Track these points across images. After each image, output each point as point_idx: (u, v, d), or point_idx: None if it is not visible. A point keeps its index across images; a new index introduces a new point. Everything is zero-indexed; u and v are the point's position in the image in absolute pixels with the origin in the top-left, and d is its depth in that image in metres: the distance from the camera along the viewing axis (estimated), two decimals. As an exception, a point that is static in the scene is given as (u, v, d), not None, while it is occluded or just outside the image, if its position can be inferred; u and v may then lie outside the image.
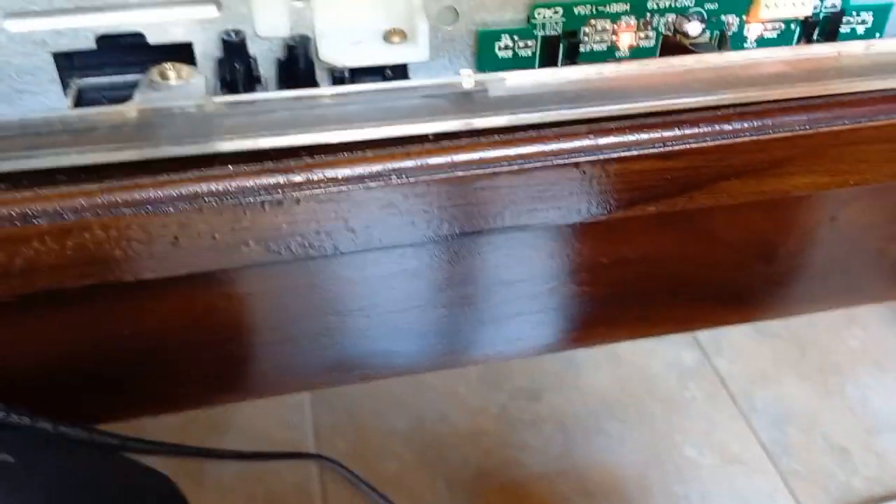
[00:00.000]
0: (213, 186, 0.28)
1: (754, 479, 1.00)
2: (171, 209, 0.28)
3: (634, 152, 0.31)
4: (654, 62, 0.30)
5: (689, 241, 0.46)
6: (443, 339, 0.46)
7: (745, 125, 0.32)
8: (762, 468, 1.01)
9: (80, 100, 0.29)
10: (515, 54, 0.32)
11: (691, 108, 0.30)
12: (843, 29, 0.33)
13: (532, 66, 0.32)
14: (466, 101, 0.29)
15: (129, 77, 0.30)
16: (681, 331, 0.52)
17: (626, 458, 1.01)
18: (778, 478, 1.00)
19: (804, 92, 0.30)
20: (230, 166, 0.27)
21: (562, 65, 0.32)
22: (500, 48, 0.32)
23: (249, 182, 0.28)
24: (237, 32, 0.28)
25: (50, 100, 0.29)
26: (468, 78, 0.29)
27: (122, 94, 0.29)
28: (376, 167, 0.29)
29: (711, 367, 1.13)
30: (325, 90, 0.28)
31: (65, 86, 0.29)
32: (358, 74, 0.30)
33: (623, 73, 0.30)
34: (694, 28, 0.31)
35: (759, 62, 0.30)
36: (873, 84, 0.30)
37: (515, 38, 0.31)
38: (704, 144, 0.32)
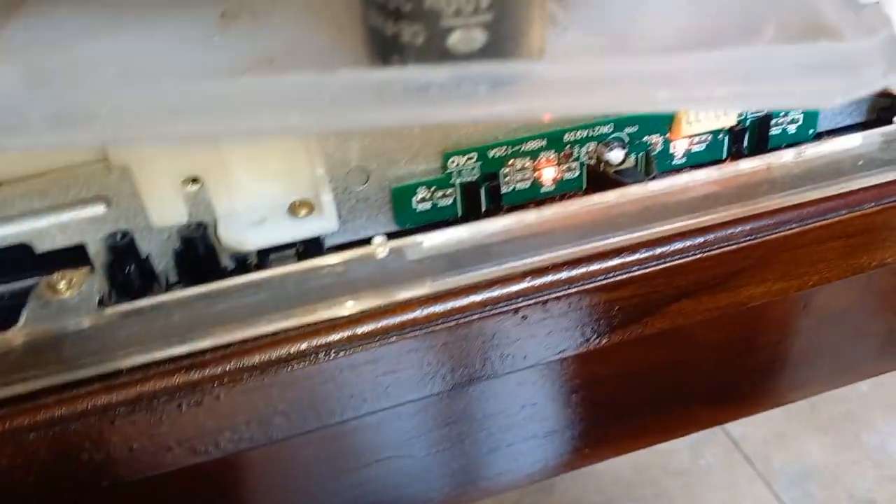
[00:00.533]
0: (121, 396, 0.26)
1: (783, 547, 0.96)
2: (78, 427, 0.26)
3: (576, 288, 0.29)
4: (575, 202, 0.29)
5: (672, 351, 0.45)
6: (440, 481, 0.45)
7: (689, 243, 0.30)
8: (790, 533, 0.97)
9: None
10: (435, 205, 0.30)
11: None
12: (774, 131, 0.31)
13: (454, 214, 0.30)
14: (383, 272, 0.27)
15: (27, 283, 0.28)
16: (679, 436, 0.50)
17: (649, 542, 0.97)
18: (808, 541, 0.96)
19: (737, 213, 0.28)
20: (139, 372, 0.25)
21: (485, 208, 0.31)
22: (417, 202, 0.30)
23: (161, 384, 0.26)
24: (124, 234, 0.26)
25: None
26: (382, 247, 0.27)
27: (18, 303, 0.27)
28: (301, 345, 0.27)
29: (723, 431, 1.09)
30: (226, 283, 0.26)
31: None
32: (266, 254, 0.28)
33: (545, 219, 0.28)
34: (615, 156, 0.30)
35: (685, 187, 0.29)
36: (806, 195, 0.28)
37: (433, 188, 0.30)
38: (650, 269, 0.30)
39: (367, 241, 0.30)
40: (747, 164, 0.29)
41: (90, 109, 0.19)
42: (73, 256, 0.28)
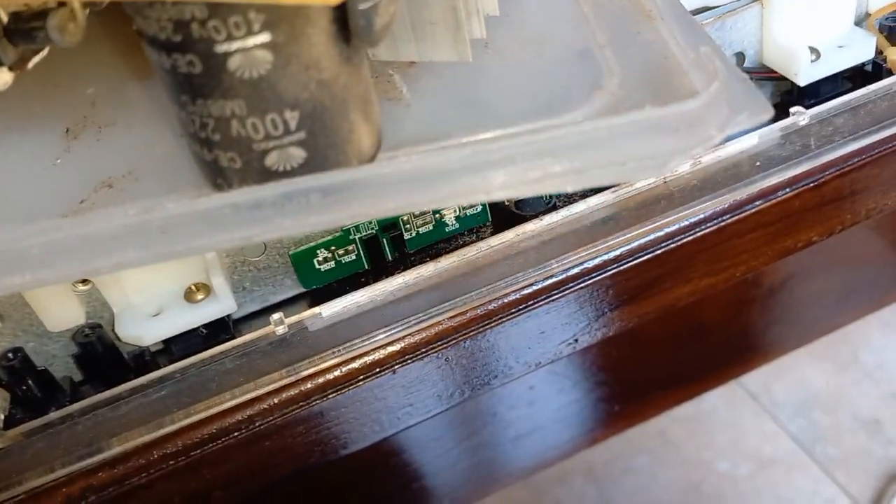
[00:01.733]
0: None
1: (794, 477, 0.97)
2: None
3: (495, 322, 0.29)
4: (474, 247, 0.28)
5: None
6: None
7: (604, 258, 0.29)
8: (799, 463, 0.97)
9: None
10: (339, 262, 0.30)
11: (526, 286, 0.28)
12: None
13: (361, 268, 0.30)
14: (287, 348, 0.27)
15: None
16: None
17: (661, 492, 0.98)
18: (817, 468, 0.97)
19: (639, 234, 0.28)
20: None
21: (391, 258, 0.30)
22: (319, 262, 0.29)
23: (89, 482, 0.26)
24: (15, 352, 0.26)
25: None
26: (281, 325, 0.27)
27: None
28: (221, 424, 0.27)
29: (723, 371, 1.09)
30: (127, 385, 0.26)
31: None
32: (171, 341, 0.28)
33: (444, 269, 0.28)
34: (512, 189, 0.29)
35: (583, 214, 0.28)
36: (704, 207, 0.28)
37: (333, 248, 0.29)
38: (568, 291, 0.29)
39: (278, 307, 0.30)
40: (644, 182, 0.29)
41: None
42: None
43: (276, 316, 0.27)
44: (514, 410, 0.45)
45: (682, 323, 0.45)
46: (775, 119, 0.30)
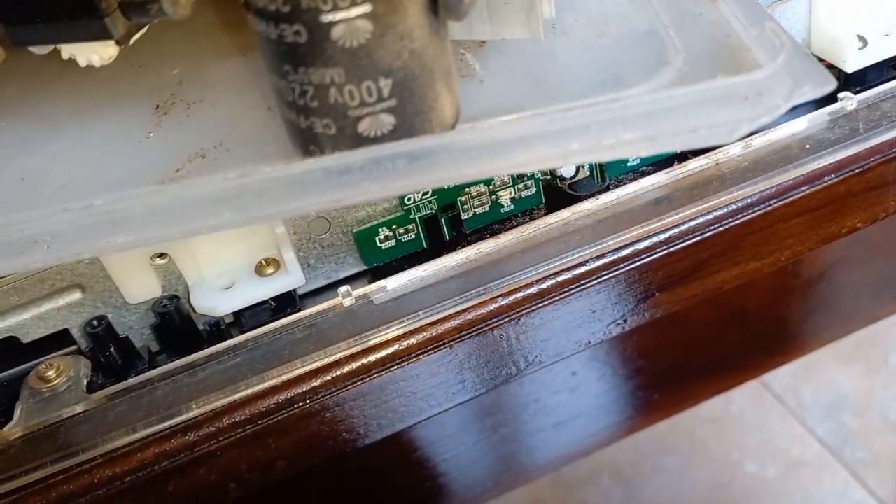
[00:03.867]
0: (124, 466, 0.27)
1: (822, 479, 0.97)
2: (87, 500, 0.27)
3: (548, 300, 0.30)
4: (530, 225, 0.29)
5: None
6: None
7: (654, 240, 0.30)
8: (827, 465, 0.97)
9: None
10: (399, 241, 0.31)
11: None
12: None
13: (420, 247, 0.31)
14: (354, 319, 0.28)
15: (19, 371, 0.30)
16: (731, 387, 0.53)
17: (690, 491, 0.98)
18: (845, 471, 0.96)
19: (690, 214, 0.29)
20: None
21: (449, 237, 0.31)
22: (381, 241, 0.31)
23: (160, 449, 0.27)
24: (100, 320, 0.27)
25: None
26: (348, 297, 0.28)
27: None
28: (288, 394, 0.28)
29: (751, 373, 1.09)
30: (203, 353, 0.28)
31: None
32: (242, 314, 0.29)
33: (502, 245, 0.29)
34: (567, 170, 0.30)
35: (637, 194, 0.29)
36: (756, 187, 0.29)
37: (394, 226, 0.30)
38: (619, 271, 0.30)
39: (341, 283, 0.32)
40: (696, 163, 0.30)
41: (33, 237, 0.20)
42: (61, 340, 0.29)
43: (343, 289, 0.28)
44: (556, 396, 0.46)
45: (723, 311, 0.46)
46: (824, 104, 0.31)
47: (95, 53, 0.20)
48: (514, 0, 0.21)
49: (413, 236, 0.31)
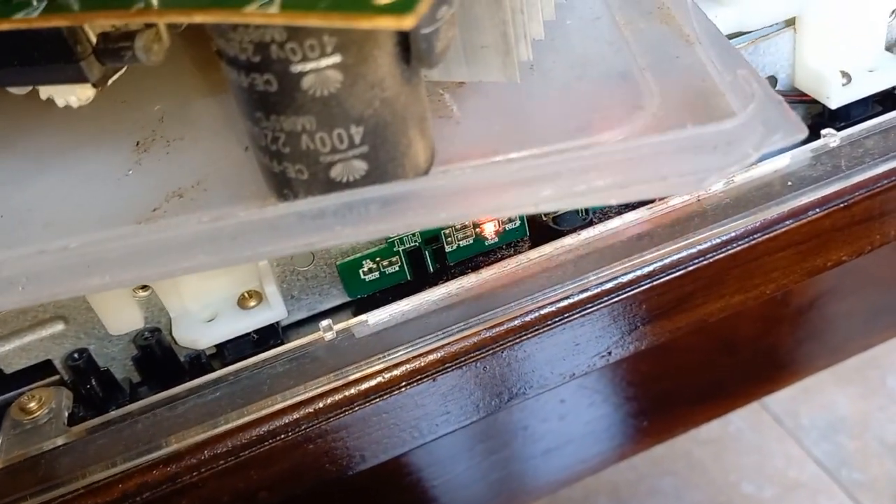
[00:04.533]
0: (105, 498, 0.27)
1: (819, 501, 0.97)
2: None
3: (531, 333, 0.30)
4: (513, 259, 0.29)
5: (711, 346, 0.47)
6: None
7: (638, 273, 0.30)
8: (824, 487, 0.97)
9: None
10: (383, 273, 0.31)
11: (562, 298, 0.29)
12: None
13: (403, 279, 0.31)
14: (335, 353, 0.28)
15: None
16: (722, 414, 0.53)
17: (686, 512, 0.98)
18: (842, 493, 0.96)
19: (672, 251, 0.29)
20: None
21: (433, 269, 0.31)
22: (364, 273, 0.31)
23: (144, 479, 0.27)
24: (80, 353, 0.28)
25: None
26: (329, 331, 0.28)
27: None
28: (271, 425, 0.28)
29: (748, 394, 1.09)
30: (184, 386, 0.28)
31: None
32: (224, 345, 0.29)
33: (485, 280, 0.29)
34: (551, 205, 0.30)
35: (619, 230, 0.29)
36: (736, 225, 0.29)
37: (377, 259, 0.31)
38: (603, 304, 0.30)
39: (325, 315, 0.32)
40: (677, 199, 0.30)
41: (8, 279, 0.20)
42: (44, 370, 0.29)
43: (324, 323, 0.28)
44: (545, 423, 0.46)
45: (713, 340, 0.46)
46: (807, 141, 0.31)
47: (73, 95, 0.20)
48: (490, 44, 0.21)
49: (397, 268, 0.31)
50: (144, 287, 0.29)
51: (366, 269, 0.31)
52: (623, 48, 0.24)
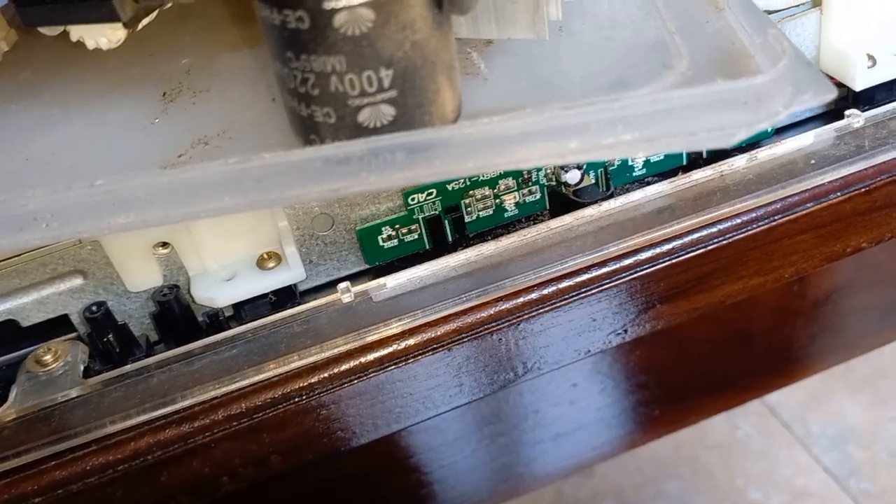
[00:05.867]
0: (117, 454, 0.27)
1: (827, 510, 0.96)
2: (79, 487, 0.27)
3: (548, 307, 0.30)
4: (533, 229, 0.29)
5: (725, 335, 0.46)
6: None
7: (658, 251, 0.30)
8: (832, 496, 0.96)
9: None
10: (401, 241, 0.31)
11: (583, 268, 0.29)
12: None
13: (422, 248, 0.31)
14: (352, 316, 0.28)
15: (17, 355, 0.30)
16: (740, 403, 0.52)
17: (692, 517, 0.97)
18: (850, 502, 0.95)
19: (694, 225, 0.29)
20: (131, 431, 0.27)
21: (451, 239, 0.31)
22: (383, 240, 0.31)
23: (154, 439, 0.27)
24: (99, 305, 0.28)
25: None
26: (347, 293, 0.28)
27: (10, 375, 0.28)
28: (285, 389, 0.28)
29: (759, 400, 1.09)
30: (201, 343, 0.28)
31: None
32: (241, 306, 0.29)
33: (504, 248, 0.29)
34: (573, 176, 0.30)
35: (640, 203, 0.29)
36: (758, 201, 0.28)
37: (397, 226, 0.31)
38: (621, 280, 0.30)
39: (342, 281, 0.32)
40: (700, 174, 0.30)
41: (33, 214, 0.20)
42: (60, 326, 0.29)
43: (343, 285, 0.28)
44: (556, 408, 0.45)
45: (728, 330, 0.46)
46: (831, 120, 0.31)
47: (104, 36, 0.20)
48: (520, 0, 0.21)
49: (416, 237, 0.31)
50: (165, 244, 0.29)
51: (385, 235, 0.31)
52: (652, 12, 0.24)
